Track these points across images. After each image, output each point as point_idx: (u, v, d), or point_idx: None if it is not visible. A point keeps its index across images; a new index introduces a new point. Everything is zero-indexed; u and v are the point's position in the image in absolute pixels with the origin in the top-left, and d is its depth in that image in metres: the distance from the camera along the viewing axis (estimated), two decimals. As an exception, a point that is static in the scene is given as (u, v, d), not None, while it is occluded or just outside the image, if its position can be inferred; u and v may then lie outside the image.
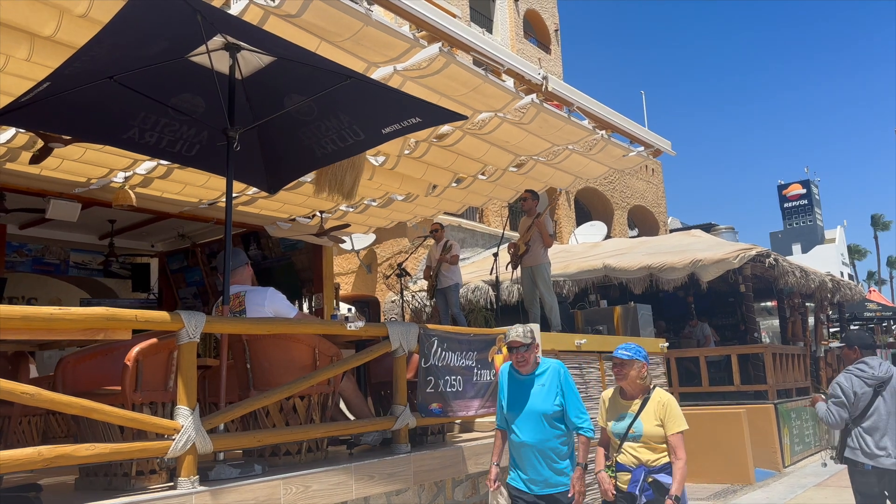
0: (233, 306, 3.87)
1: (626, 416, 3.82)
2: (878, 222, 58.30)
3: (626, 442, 3.80)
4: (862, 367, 4.53)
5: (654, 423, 3.75)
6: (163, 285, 10.52)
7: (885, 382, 4.41)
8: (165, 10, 3.26)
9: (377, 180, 7.29)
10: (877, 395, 4.39)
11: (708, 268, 10.28)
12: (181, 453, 3.16)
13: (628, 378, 3.82)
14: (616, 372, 3.84)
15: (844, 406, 4.47)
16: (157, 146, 4.31)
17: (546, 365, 3.97)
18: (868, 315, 21.05)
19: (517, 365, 3.89)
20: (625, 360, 3.80)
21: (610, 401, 3.99)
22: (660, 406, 3.78)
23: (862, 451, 4.38)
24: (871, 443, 4.35)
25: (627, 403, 3.88)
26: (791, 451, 10.67)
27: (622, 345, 3.90)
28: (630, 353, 3.80)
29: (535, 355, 3.93)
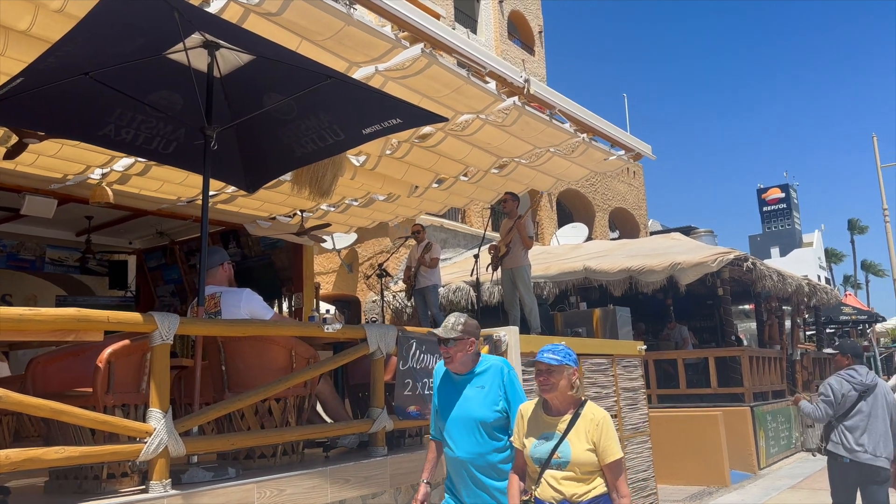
0: (208, 307, 3.82)
1: (551, 437, 3.03)
2: (855, 226, 59.13)
3: (547, 470, 3.01)
4: (852, 374, 5.16)
5: (586, 447, 2.98)
6: (140, 283, 10.41)
7: (869, 389, 5.06)
8: (142, 7, 3.21)
9: (358, 180, 7.26)
10: (861, 399, 5.02)
11: (686, 271, 10.37)
12: (153, 456, 3.12)
13: (558, 388, 3.06)
14: (542, 382, 3.08)
15: (831, 404, 5.12)
16: (134, 143, 4.26)
17: (487, 363, 3.39)
18: (843, 319, 21.35)
19: (445, 363, 3.36)
20: (553, 365, 3.05)
21: (530, 417, 3.17)
22: (593, 425, 3.00)
23: (843, 446, 5.00)
24: (851, 439, 4.96)
25: (552, 421, 3.08)
26: (766, 453, 10.79)
27: (548, 346, 3.17)
28: (559, 357, 3.07)
29: (467, 352, 3.30)
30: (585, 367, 6.96)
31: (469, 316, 3.38)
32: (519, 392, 3.33)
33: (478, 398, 3.29)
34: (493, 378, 3.33)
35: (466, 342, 3.29)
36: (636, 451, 7.62)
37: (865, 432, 4.92)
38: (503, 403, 3.28)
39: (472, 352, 3.33)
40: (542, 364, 3.08)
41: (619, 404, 7.42)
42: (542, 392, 3.10)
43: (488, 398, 3.28)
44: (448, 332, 3.26)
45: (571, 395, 3.09)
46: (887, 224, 25.77)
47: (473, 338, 3.33)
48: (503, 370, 3.37)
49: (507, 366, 3.40)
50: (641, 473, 7.63)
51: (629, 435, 7.53)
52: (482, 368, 3.36)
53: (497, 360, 3.45)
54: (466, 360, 3.31)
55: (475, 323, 3.35)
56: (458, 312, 3.44)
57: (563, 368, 3.06)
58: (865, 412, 4.97)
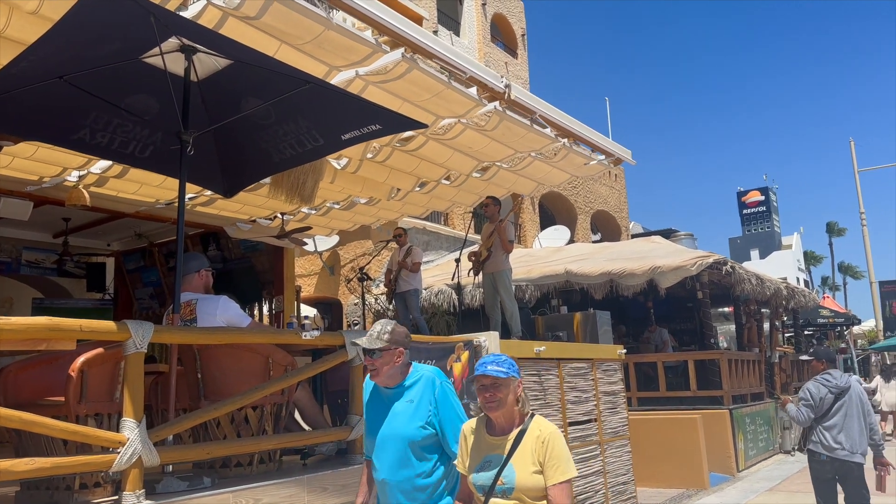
0: (183, 314, 3.78)
1: (495, 461, 2.73)
2: (833, 229, 59.90)
3: (492, 499, 2.71)
4: (827, 378, 5.54)
5: (532, 470, 2.67)
6: (118, 285, 10.29)
7: (844, 391, 5.44)
8: (118, 11, 3.17)
9: (339, 183, 7.24)
10: (837, 401, 5.42)
11: (666, 274, 10.44)
12: (126, 467, 3.07)
13: (505, 405, 2.73)
14: (487, 398, 2.73)
15: (811, 407, 5.49)
16: (109, 147, 4.20)
17: (418, 374, 3.05)
18: (821, 321, 21.62)
19: (371, 376, 3.04)
20: (499, 378, 2.70)
21: (473, 438, 2.85)
22: (538, 444, 2.69)
23: (822, 444, 5.39)
24: (829, 438, 5.36)
25: (496, 441, 2.77)
26: (745, 455, 10.89)
27: (490, 357, 2.82)
28: (505, 369, 2.72)
29: (394, 364, 2.97)
30: (566, 371, 6.99)
31: (397, 323, 3.06)
32: (453, 406, 3.00)
33: (406, 414, 2.96)
34: (423, 391, 3.00)
35: (394, 353, 2.96)
36: (616, 455, 7.66)
37: (842, 431, 5.30)
38: (434, 420, 2.94)
39: (401, 363, 3.00)
40: (486, 378, 2.72)
41: (598, 408, 7.45)
42: (488, 410, 2.75)
43: (417, 414, 2.95)
44: (373, 341, 2.93)
45: (517, 411, 2.78)
46: (864, 227, 26.16)
47: (402, 347, 3.01)
48: (434, 382, 3.01)
49: (439, 377, 3.06)
50: (621, 477, 7.67)
51: (609, 439, 7.56)
52: (412, 381, 3.03)
53: (429, 370, 3.10)
54: (394, 373, 2.99)
55: (404, 331, 3.05)
56: (385, 319, 3.11)
57: (510, 381, 2.72)
58: (842, 412, 5.35)
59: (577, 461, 6.91)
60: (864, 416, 5.39)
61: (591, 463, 7.16)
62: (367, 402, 3.14)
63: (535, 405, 6.38)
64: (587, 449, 7.13)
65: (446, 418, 2.96)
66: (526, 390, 3.02)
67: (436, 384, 3.01)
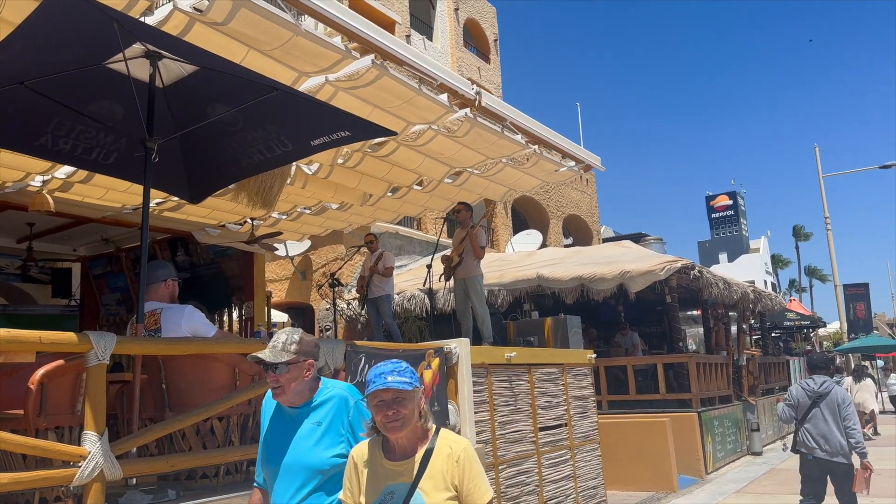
0: (148, 324, 3.72)
1: (398, 491, 2.31)
2: (800, 233, 61.07)
3: None
4: (807, 382, 5.98)
5: (445, 496, 2.29)
6: (85, 291, 10.10)
7: (822, 395, 5.81)
8: (80, 17, 3.12)
9: (310, 188, 7.20)
10: (815, 405, 5.81)
11: (636, 279, 10.55)
12: (88, 481, 3.01)
13: (410, 423, 2.31)
14: (389, 417, 2.27)
15: (792, 408, 6.00)
16: (72, 153, 4.14)
17: (329, 392, 2.61)
18: (788, 324, 22.01)
19: (274, 394, 2.59)
20: (404, 391, 2.28)
21: (366, 466, 2.37)
22: (451, 463, 2.31)
23: (804, 444, 5.84)
24: (811, 439, 5.77)
25: (397, 467, 2.33)
26: (714, 457, 11.04)
27: (388, 364, 2.35)
28: (409, 379, 2.30)
29: (303, 378, 2.54)
30: (536, 376, 7.02)
31: (304, 332, 2.65)
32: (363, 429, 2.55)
33: (312, 439, 2.51)
34: (334, 411, 2.55)
35: (302, 366, 2.54)
36: (586, 460, 7.71)
37: (823, 435, 5.69)
38: (346, 446, 2.50)
39: (310, 377, 2.57)
40: (388, 392, 2.26)
41: (569, 413, 7.50)
42: (391, 431, 2.28)
43: (326, 438, 2.50)
44: (277, 354, 2.52)
45: (421, 427, 2.35)
46: (829, 232, 26.70)
47: (311, 359, 2.59)
48: (348, 401, 2.57)
49: (353, 395, 2.62)
50: (591, 481, 7.72)
51: (579, 443, 7.61)
52: (322, 399, 2.58)
53: (341, 387, 2.66)
54: (302, 390, 2.55)
55: (313, 340, 2.65)
56: (290, 328, 2.69)
57: (415, 393, 2.30)
58: (820, 416, 5.75)
59: (548, 466, 6.94)
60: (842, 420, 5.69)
61: (562, 468, 7.19)
62: (270, 422, 2.67)
63: (506, 411, 6.40)
64: (558, 454, 7.16)
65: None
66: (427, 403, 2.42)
67: (349, 404, 2.56)
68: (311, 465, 2.49)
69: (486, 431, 6.05)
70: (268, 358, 2.53)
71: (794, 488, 9.31)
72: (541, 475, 6.76)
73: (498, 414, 6.26)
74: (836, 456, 5.66)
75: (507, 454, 6.31)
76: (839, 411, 5.73)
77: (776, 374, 17.06)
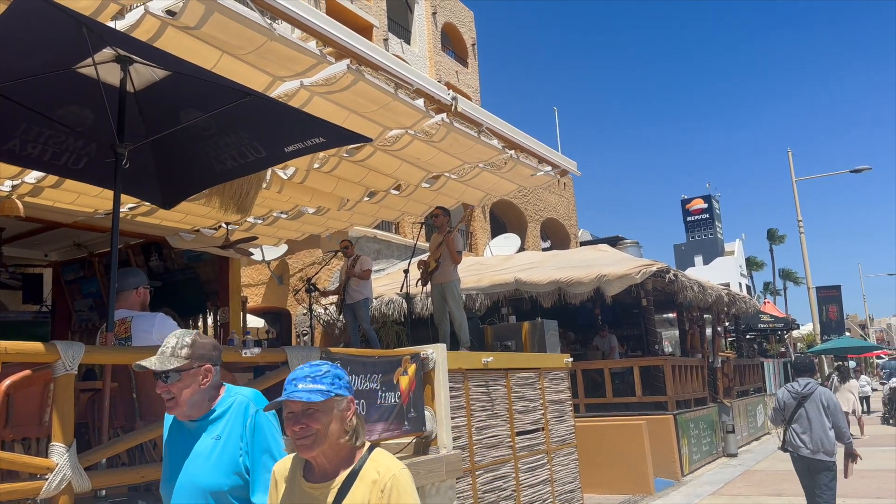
0: (118, 333, 3.66)
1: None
2: (774, 236, 61.85)
3: None
4: (792, 385, 6.31)
5: None
6: (57, 297, 9.93)
7: (806, 397, 6.11)
8: (49, 21, 3.07)
9: (286, 193, 7.15)
10: (800, 406, 6.11)
11: (612, 283, 10.62)
12: (55, 493, 2.95)
13: (325, 440, 1.92)
14: (298, 433, 1.91)
15: (777, 410, 6.36)
16: (41, 159, 4.06)
17: (229, 401, 2.31)
18: (762, 326, 22.28)
19: (168, 407, 2.29)
20: (314, 403, 1.89)
21: (285, 484, 2.05)
22: (376, 493, 1.92)
23: (791, 443, 6.14)
24: (797, 438, 6.08)
25: (316, 491, 1.97)
26: (689, 459, 11.13)
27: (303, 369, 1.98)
28: (324, 387, 1.92)
29: (199, 387, 2.25)
30: (514, 381, 7.03)
31: (199, 333, 2.37)
32: (270, 442, 2.25)
33: (209, 455, 2.20)
34: (233, 422, 2.24)
35: (196, 373, 2.23)
36: (563, 464, 7.73)
37: (806, 432, 6.00)
38: (245, 461, 2.20)
39: (208, 385, 2.26)
40: (295, 403, 1.91)
41: (546, 417, 7.52)
42: (302, 450, 1.92)
43: (225, 454, 2.21)
44: (165, 360, 2.22)
45: (345, 445, 1.96)
46: (802, 235, 27.10)
47: (209, 364, 2.28)
48: (248, 409, 2.26)
49: (256, 402, 2.30)
50: (568, 485, 7.75)
51: (556, 447, 7.63)
52: (223, 409, 2.28)
53: (244, 394, 2.34)
54: (199, 400, 2.25)
55: (211, 342, 2.35)
56: (183, 330, 2.40)
57: (333, 405, 1.92)
58: (805, 416, 6.05)
59: (525, 471, 6.95)
60: (827, 419, 5.99)
61: (539, 472, 7.21)
62: (167, 440, 2.38)
63: (483, 416, 6.40)
64: (535, 458, 7.17)
65: (259, 459, 2.19)
66: (361, 414, 2.08)
67: (249, 412, 2.24)
68: (205, 486, 2.17)
69: (463, 437, 6.04)
70: (154, 366, 2.21)
71: (769, 489, 9.45)
72: (518, 480, 6.77)
73: (475, 419, 6.26)
74: (817, 453, 5.96)
75: (483, 459, 6.31)
76: (823, 411, 6.02)
77: (751, 376, 17.26)
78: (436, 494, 5.27)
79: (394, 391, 4.98)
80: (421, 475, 5.04)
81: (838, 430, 5.97)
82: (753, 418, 16.08)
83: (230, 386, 2.40)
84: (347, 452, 1.98)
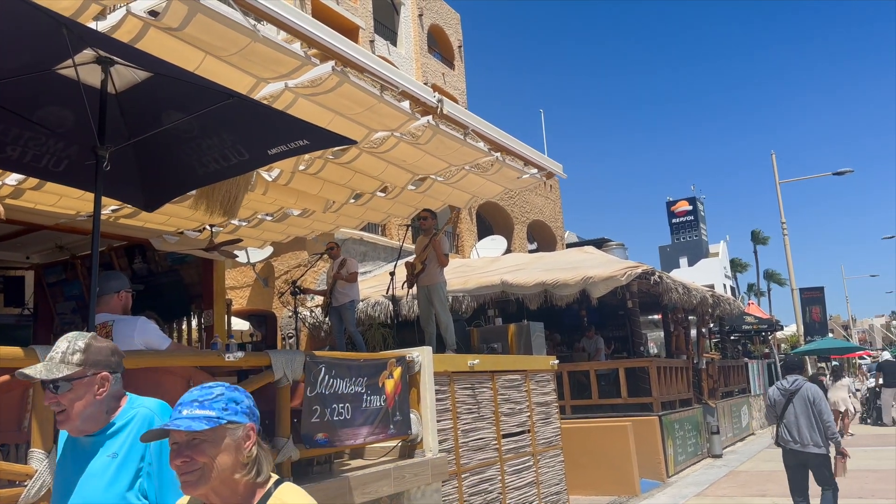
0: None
1: None
2: (758, 237, 62.24)
3: None
4: (782, 382, 6.63)
5: None
6: (39, 299, 9.81)
7: (794, 393, 6.42)
8: (27, 22, 3.03)
9: (271, 195, 7.10)
10: (789, 402, 6.42)
11: (598, 284, 10.65)
12: (34, 500, 2.91)
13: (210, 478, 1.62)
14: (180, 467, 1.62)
15: (769, 406, 6.73)
16: (21, 161, 4.01)
17: (131, 413, 2.05)
18: (746, 328, 22.41)
19: (58, 421, 2.01)
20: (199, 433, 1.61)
21: None
22: None
23: (781, 437, 6.47)
24: (785, 433, 6.39)
25: None
26: (675, 460, 11.18)
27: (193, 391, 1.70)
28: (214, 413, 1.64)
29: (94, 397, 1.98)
30: (500, 383, 7.03)
31: (95, 336, 2.09)
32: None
33: (105, 476, 1.92)
34: (133, 438, 1.97)
35: (91, 381, 1.96)
36: (549, 465, 7.74)
37: (795, 427, 6.30)
38: (147, 485, 1.94)
39: (105, 396, 1.99)
40: (178, 433, 1.61)
41: (532, 419, 7.52)
42: (185, 487, 1.62)
43: (122, 474, 1.93)
44: (54, 367, 1.94)
45: (243, 482, 1.65)
46: (786, 236, 27.35)
47: (106, 371, 2.01)
48: (153, 421, 2.01)
49: (162, 414, 2.04)
50: (554, 487, 7.75)
51: (542, 449, 7.63)
52: (123, 422, 2.01)
53: (148, 406, 2.07)
54: (95, 413, 1.99)
55: (109, 347, 2.09)
56: (76, 332, 2.10)
57: (223, 433, 1.63)
58: (793, 412, 6.35)
59: (511, 473, 6.94)
60: (815, 415, 6.27)
61: (525, 474, 7.21)
62: (60, 458, 2.11)
63: (469, 419, 6.39)
64: (521, 460, 7.17)
65: (165, 484, 1.92)
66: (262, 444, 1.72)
67: (154, 424, 1.98)
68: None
69: (449, 440, 6.03)
70: (39, 374, 1.90)
71: (754, 490, 9.50)
72: (504, 482, 6.76)
73: (461, 422, 6.25)
74: (807, 447, 6.26)
75: (469, 462, 6.30)
76: (810, 406, 6.30)
77: (735, 376, 17.38)
78: (421, 498, 5.26)
79: (379, 395, 4.96)
80: (407, 479, 5.02)
81: (823, 423, 6.23)
82: (738, 419, 16.19)
83: (133, 396, 2.12)
84: (245, 490, 1.66)
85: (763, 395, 19.56)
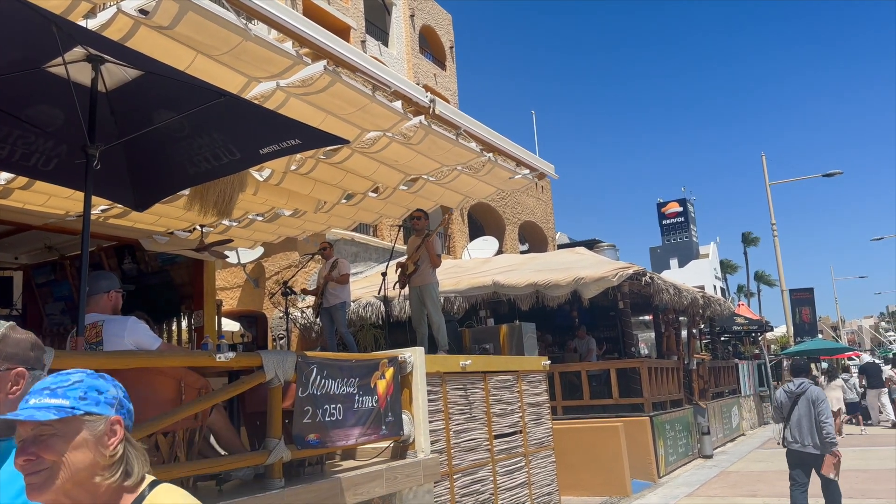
0: (88, 337, 3.58)
1: None
2: (748, 239, 62.58)
3: None
4: (788, 385, 6.82)
5: None
6: (27, 300, 9.74)
7: (800, 395, 6.61)
8: (17, 20, 3.00)
9: (262, 195, 7.08)
10: (794, 404, 6.61)
11: (589, 285, 10.67)
12: (22, 502, 2.88)
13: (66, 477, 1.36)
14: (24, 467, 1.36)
15: (776, 409, 6.91)
16: (10, 159, 3.98)
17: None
18: (736, 328, 22.52)
19: None
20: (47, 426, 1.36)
21: None
22: None
23: (785, 439, 6.64)
24: (789, 434, 6.60)
25: None
26: (666, 461, 11.20)
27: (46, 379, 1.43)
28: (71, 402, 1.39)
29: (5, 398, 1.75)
30: (491, 384, 7.02)
31: (14, 327, 1.82)
32: None
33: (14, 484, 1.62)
34: None
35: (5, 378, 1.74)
36: (540, 466, 7.74)
37: (797, 428, 6.51)
38: None
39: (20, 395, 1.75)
40: (23, 427, 1.38)
41: (524, 420, 7.52)
42: (30, 492, 1.37)
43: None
44: None
45: (105, 485, 1.40)
46: (776, 238, 27.49)
47: (23, 367, 1.79)
48: None
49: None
50: (545, 488, 7.75)
51: (534, 450, 7.63)
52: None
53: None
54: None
55: (27, 339, 1.85)
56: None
57: (78, 426, 1.38)
58: (797, 413, 6.55)
59: (503, 474, 6.94)
60: (814, 417, 6.43)
61: (517, 475, 7.21)
62: None
63: (461, 419, 6.38)
64: (512, 461, 7.17)
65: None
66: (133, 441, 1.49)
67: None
68: None
69: (441, 441, 6.02)
70: None
71: (744, 490, 9.54)
72: (496, 483, 6.76)
73: (453, 423, 6.24)
74: (807, 447, 6.45)
75: (461, 463, 6.29)
76: (812, 407, 6.47)
77: (726, 377, 17.44)
78: (413, 499, 5.24)
79: (371, 395, 4.94)
80: (399, 479, 5.01)
81: (820, 424, 6.38)
82: (728, 420, 16.25)
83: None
84: (109, 495, 1.39)
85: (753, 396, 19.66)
